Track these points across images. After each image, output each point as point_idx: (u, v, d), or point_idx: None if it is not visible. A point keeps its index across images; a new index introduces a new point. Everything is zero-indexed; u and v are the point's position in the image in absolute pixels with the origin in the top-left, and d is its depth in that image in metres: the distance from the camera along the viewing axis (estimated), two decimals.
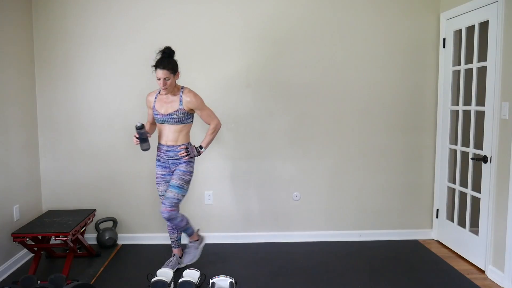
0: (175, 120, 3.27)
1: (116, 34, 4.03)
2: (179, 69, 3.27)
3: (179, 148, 3.31)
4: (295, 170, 4.20)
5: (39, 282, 2.95)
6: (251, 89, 4.11)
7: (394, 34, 4.12)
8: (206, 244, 4.13)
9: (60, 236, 3.23)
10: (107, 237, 4.03)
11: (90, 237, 4.18)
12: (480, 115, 3.80)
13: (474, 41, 3.61)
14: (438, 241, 4.23)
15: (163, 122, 3.30)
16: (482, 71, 3.62)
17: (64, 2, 3.99)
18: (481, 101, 3.71)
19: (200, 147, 3.39)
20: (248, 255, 3.88)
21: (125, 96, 4.08)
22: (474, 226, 3.75)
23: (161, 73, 3.12)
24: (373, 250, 4.01)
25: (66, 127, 4.09)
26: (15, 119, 3.67)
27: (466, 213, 3.76)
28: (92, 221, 3.89)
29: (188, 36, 4.05)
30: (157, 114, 3.29)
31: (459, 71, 3.94)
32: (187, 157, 3.31)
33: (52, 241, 3.79)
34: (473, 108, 3.65)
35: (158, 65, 3.14)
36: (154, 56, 4.02)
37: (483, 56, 3.54)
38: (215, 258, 3.80)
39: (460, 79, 3.88)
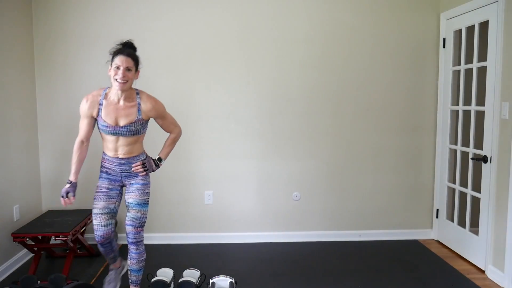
0: (131, 132, 2.68)
1: (116, 35, 4.02)
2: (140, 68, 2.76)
3: (134, 161, 2.77)
4: (295, 170, 4.20)
5: (39, 282, 2.95)
6: (251, 89, 4.11)
7: (394, 34, 4.12)
8: (206, 244, 4.14)
9: (60, 236, 3.23)
10: None
11: (90, 237, 4.18)
12: (480, 115, 3.79)
13: (474, 41, 3.61)
14: (438, 241, 4.23)
15: (114, 134, 2.67)
16: (482, 71, 3.62)
17: (64, 2, 3.99)
18: (481, 101, 3.70)
19: (159, 159, 2.87)
20: (248, 255, 3.88)
21: None
22: (474, 226, 3.75)
23: (124, 60, 2.55)
24: (373, 250, 4.01)
25: (66, 127, 4.09)
26: (15, 119, 3.67)
27: (466, 213, 3.76)
28: (92, 221, 3.88)
29: (188, 36, 4.05)
30: (106, 126, 2.64)
31: (459, 71, 3.94)
32: (144, 173, 2.78)
33: (52, 241, 3.78)
34: (473, 108, 3.65)
35: (121, 51, 2.57)
36: (153, 56, 4.05)
37: (483, 56, 3.54)
38: (215, 258, 3.80)
39: (460, 79, 3.88)
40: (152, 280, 2.97)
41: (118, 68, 2.57)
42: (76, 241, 3.53)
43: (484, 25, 3.52)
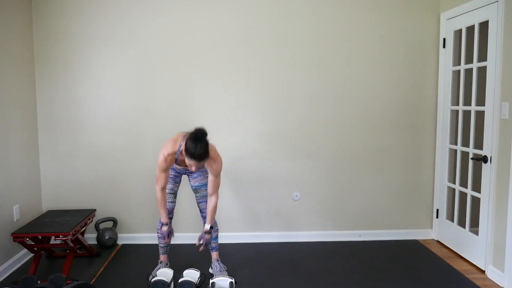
0: (200, 170, 3.31)
1: (116, 34, 4.03)
2: None
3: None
4: (295, 170, 4.20)
5: (39, 282, 2.95)
6: (251, 89, 4.11)
7: (394, 34, 4.12)
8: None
9: (60, 236, 3.23)
10: (107, 237, 4.03)
11: (90, 237, 4.18)
12: (480, 115, 3.80)
13: (474, 41, 3.61)
14: (438, 241, 4.23)
15: (185, 173, 3.32)
16: (482, 71, 3.62)
17: (64, 2, 3.99)
18: (481, 101, 3.71)
19: (211, 227, 3.19)
20: (248, 255, 3.88)
21: (125, 96, 4.08)
22: (474, 226, 3.75)
23: (195, 163, 2.81)
24: (373, 250, 4.01)
25: (66, 127, 4.09)
26: (15, 119, 3.67)
27: (466, 213, 3.76)
28: (92, 221, 3.89)
29: (188, 36, 4.05)
30: (179, 169, 3.25)
31: (459, 71, 3.94)
32: (204, 247, 3.17)
33: (52, 241, 3.79)
34: (473, 108, 3.65)
35: (193, 157, 2.76)
36: (153, 56, 4.05)
37: (483, 56, 3.55)
38: None
39: (460, 79, 3.88)
40: (152, 280, 2.98)
41: (190, 165, 2.86)
42: (76, 241, 3.53)
43: (484, 25, 3.52)
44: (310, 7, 4.07)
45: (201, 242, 3.18)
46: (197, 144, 2.75)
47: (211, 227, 3.19)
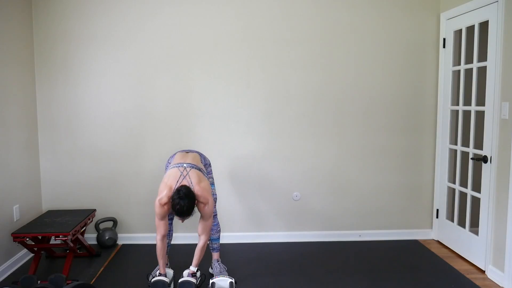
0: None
1: (116, 34, 4.03)
2: None
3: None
4: (295, 170, 4.20)
5: (39, 282, 2.95)
6: (251, 89, 4.11)
7: (394, 34, 4.13)
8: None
9: (60, 236, 3.23)
10: (107, 237, 4.03)
11: (90, 237, 4.18)
12: (480, 115, 3.80)
13: (474, 41, 3.61)
14: (438, 241, 4.23)
15: None
16: (482, 71, 3.62)
17: (64, 2, 3.99)
18: (481, 101, 3.71)
19: (197, 270, 3.20)
20: (248, 255, 3.88)
21: (125, 96, 4.08)
22: (474, 226, 3.75)
23: (181, 218, 2.88)
24: (373, 250, 4.01)
25: (66, 127, 4.09)
26: (15, 119, 3.67)
27: (466, 213, 3.76)
28: (92, 221, 3.89)
29: (188, 36, 4.05)
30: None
31: (459, 71, 3.94)
32: None
33: (52, 241, 3.79)
34: (473, 108, 3.65)
35: (178, 213, 2.83)
36: (153, 56, 4.05)
37: (483, 56, 3.55)
38: None
39: (460, 79, 3.88)
40: (152, 280, 2.98)
41: (178, 219, 2.92)
42: (76, 241, 3.53)
43: (484, 25, 3.52)
44: (310, 7, 4.07)
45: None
46: (182, 203, 2.79)
47: (197, 270, 3.17)
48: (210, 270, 3.49)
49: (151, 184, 4.15)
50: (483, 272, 3.49)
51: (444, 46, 4.07)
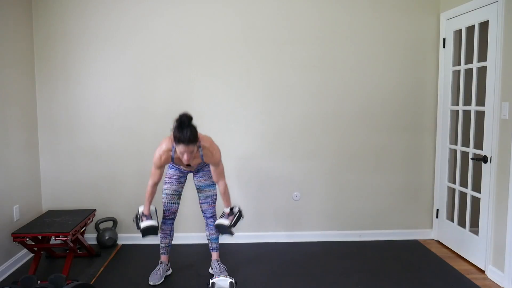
0: (199, 166, 3.25)
1: (116, 34, 4.03)
2: None
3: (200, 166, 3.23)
4: (295, 170, 4.20)
5: (39, 282, 2.94)
6: (251, 89, 4.11)
7: (394, 34, 4.12)
8: (206, 244, 4.13)
9: (60, 236, 3.23)
10: (107, 237, 4.03)
11: (90, 237, 4.18)
12: (480, 115, 3.80)
13: (474, 41, 3.61)
14: (438, 241, 4.23)
15: (185, 171, 3.27)
16: (482, 71, 3.62)
17: (64, 2, 3.99)
18: (481, 101, 3.71)
19: (231, 209, 3.24)
20: (248, 255, 3.88)
21: (125, 96, 4.08)
22: (474, 226, 3.75)
23: (185, 148, 2.82)
24: (373, 250, 4.01)
25: (66, 127, 4.09)
26: (15, 119, 3.67)
27: (466, 213, 3.76)
28: (92, 221, 3.89)
29: (187, 36, 4.05)
30: (178, 167, 3.23)
31: (459, 71, 3.94)
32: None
33: (52, 241, 3.79)
34: (473, 108, 3.65)
35: (182, 140, 2.79)
36: (153, 56, 4.05)
37: (483, 56, 3.55)
38: None
39: (460, 79, 3.88)
40: (142, 227, 3.10)
41: (182, 153, 2.87)
42: (76, 241, 3.53)
43: (484, 25, 3.52)
44: (310, 8, 4.07)
45: (222, 229, 3.19)
46: (184, 129, 2.79)
47: (231, 209, 3.23)
48: (210, 270, 3.49)
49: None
50: (483, 272, 3.49)
51: (444, 46, 4.07)
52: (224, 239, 4.21)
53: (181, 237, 4.20)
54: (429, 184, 4.28)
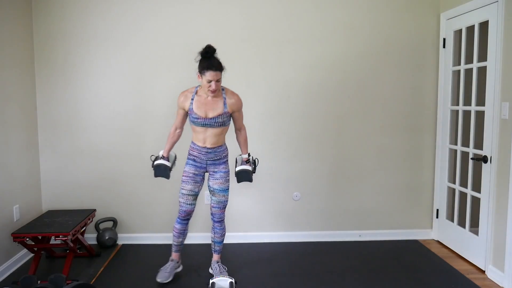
0: (218, 123, 3.13)
1: (116, 34, 4.03)
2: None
3: (218, 150, 3.25)
4: (295, 170, 4.20)
5: (39, 282, 2.94)
6: (251, 89, 4.10)
7: (394, 34, 4.12)
8: (206, 244, 4.13)
9: (60, 236, 3.23)
10: (107, 237, 4.03)
11: (90, 237, 4.17)
12: (480, 115, 3.79)
13: (474, 41, 3.61)
14: (438, 241, 4.23)
15: (204, 125, 3.13)
16: (482, 71, 3.62)
17: (64, 2, 3.98)
18: (481, 101, 3.70)
19: (249, 155, 3.37)
20: (248, 255, 3.88)
21: (125, 96, 4.08)
22: (474, 226, 3.75)
23: (213, 75, 2.93)
24: (373, 250, 4.01)
25: (66, 127, 4.09)
26: (15, 119, 3.67)
27: (466, 213, 3.76)
28: (92, 221, 3.89)
29: (188, 36, 4.05)
30: (197, 118, 3.11)
31: (459, 71, 3.94)
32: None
33: (52, 241, 3.78)
34: (473, 108, 3.65)
35: (210, 67, 2.92)
36: (153, 56, 4.05)
37: (483, 56, 3.54)
38: None
39: (460, 79, 3.88)
40: (155, 163, 3.25)
41: (209, 82, 2.97)
42: (76, 241, 3.53)
43: (484, 25, 3.52)
44: (309, 7, 4.07)
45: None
46: (210, 57, 2.97)
47: (249, 154, 3.34)
48: (210, 271, 3.49)
49: (151, 184, 4.15)
50: (483, 272, 3.49)
51: (444, 46, 4.07)
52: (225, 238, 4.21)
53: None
54: (429, 184, 4.28)
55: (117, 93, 4.08)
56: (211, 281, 3.03)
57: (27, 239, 3.26)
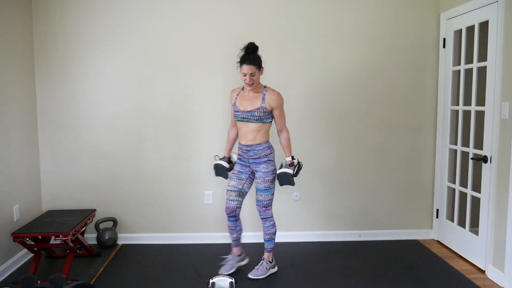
0: (255, 118, 3.23)
1: (116, 34, 4.03)
2: (262, 65, 3.24)
3: (257, 148, 3.28)
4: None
5: (39, 282, 2.94)
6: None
7: (394, 34, 4.12)
8: (206, 244, 4.14)
9: (60, 236, 3.23)
10: (107, 237, 4.03)
11: (90, 237, 4.18)
12: (480, 115, 3.79)
13: (474, 41, 3.61)
14: (438, 241, 4.23)
15: (242, 119, 3.25)
16: (482, 71, 3.62)
17: (64, 2, 3.98)
18: (481, 101, 3.70)
19: (292, 158, 3.35)
20: (248, 255, 3.88)
21: (125, 96, 4.08)
22: (474, 226, 3.75)
23: (246, 68, 3.12)
24: (373, 250, 4.01)
25: (66, 127, 4.09)
26: (15, 119, 3.67)
27: (466, 213, 3.76)
28: (92, 221, 3.89)
29: (188, 36, 4.05)
30: (237, 111, 3.27)
31: (459, 71, 3.94)
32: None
33: (52, 241, 3.78)
34: (473, 108, 3.65)
35: (244, 60, 3.14)
36: (153, 56, 4.05)
37: (483, 56, 3.54)
38: (215, 258, 3.79)
39: (460, 79, 3.88)
40: (214, 163, 3.46)
41: (244, 75, 3.15)
42: (76, 241, 3.53)
43: (484, 25, 3.52)
44: (310, 7, 4.06)
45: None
46: (248, 53, 3.16)
47: (293, 157, 3.34)
48: (244, 262, 3.62)
49: (151, 184, 4.15)
50: (483, 272, 3.49)
51: (444, 46, 4.07)
52: (225, 239, 4.22)
53: (181, 237, 4.20)
54: (429, 184, 4.28)
55: (117, 93, 4.08)
56: (211, 281, 3.03)
57: (27, 239, 3.26)
